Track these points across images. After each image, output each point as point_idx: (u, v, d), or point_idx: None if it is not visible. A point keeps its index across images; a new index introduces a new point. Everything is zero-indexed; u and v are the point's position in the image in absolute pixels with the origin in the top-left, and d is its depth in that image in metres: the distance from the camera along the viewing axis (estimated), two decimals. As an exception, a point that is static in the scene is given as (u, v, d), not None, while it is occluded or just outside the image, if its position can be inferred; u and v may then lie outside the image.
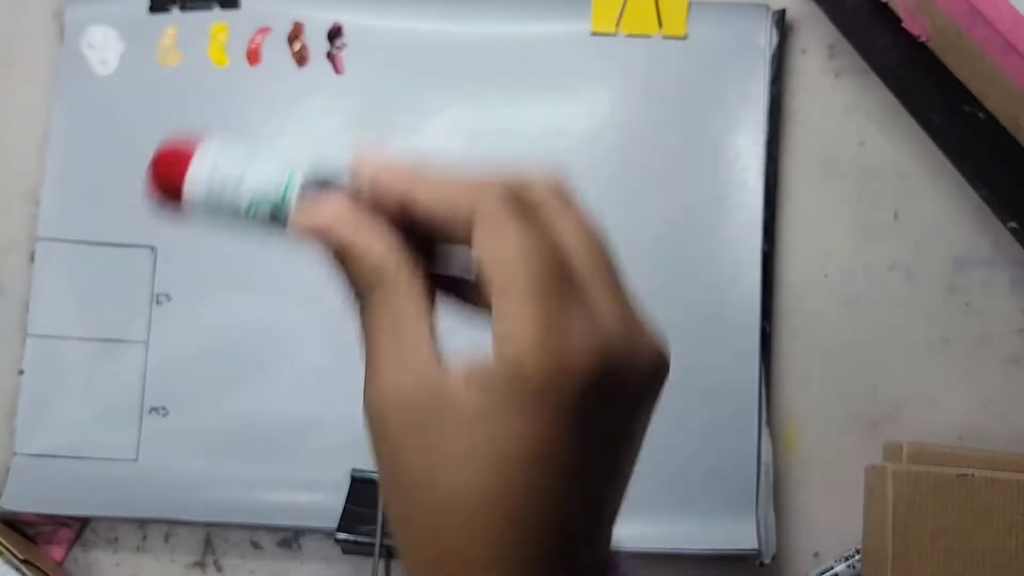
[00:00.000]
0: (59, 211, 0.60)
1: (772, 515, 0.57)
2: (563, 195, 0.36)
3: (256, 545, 0.60)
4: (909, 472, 0.53)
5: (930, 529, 0.52)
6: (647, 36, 0.60)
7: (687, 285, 0.59)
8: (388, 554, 0.57)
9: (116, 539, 0.60)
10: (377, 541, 0.56)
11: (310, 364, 0.59)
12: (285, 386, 0.59)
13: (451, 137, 0.60)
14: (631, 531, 0.56)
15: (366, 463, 0.58)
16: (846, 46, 0.61)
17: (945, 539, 0.52)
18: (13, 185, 0.62)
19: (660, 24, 0.60)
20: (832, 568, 0.57)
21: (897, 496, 0.53)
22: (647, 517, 0.57)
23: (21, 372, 0.59)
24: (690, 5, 0.60)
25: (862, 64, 0.61)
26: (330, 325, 0.59)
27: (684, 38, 0.60)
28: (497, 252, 0.33)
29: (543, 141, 0.60)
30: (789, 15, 0.61)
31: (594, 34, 0.60)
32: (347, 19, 0.61)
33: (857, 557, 0.57)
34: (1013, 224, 0.58)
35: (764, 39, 0.60)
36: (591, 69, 0.60)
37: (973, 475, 0.53)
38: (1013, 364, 0.60)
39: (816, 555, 0.58)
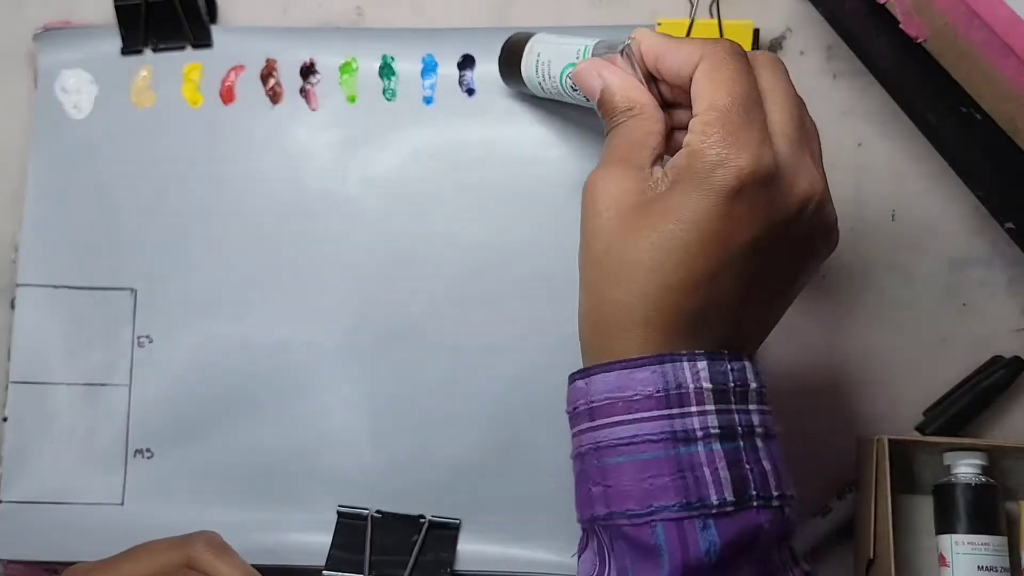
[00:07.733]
0: (38, 256, 0.60)
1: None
2: (778, 66, 0.46)
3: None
4: (900, 442, 0.56)
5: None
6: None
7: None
8: (377, 590, 0.57)
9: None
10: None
11: (295, 402, 0.59)
12: (270, 425, 0.58)
13: (426, 168, 0.60)
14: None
15: (353, 500, 0.58)
16: (843, 48, 0.61)
17: None
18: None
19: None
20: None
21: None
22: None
23: (4, 419, 0.59)
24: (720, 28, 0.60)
25: (859, 66, 0.61)
26: (314, 364, 0.59)
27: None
28: (710, 79, 0.44)
29: (528, 166, 0.60)
30: (786, 17, 0.61)
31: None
32: (319, 57, 0.61)
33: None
34: (1010, 224, 0.58)
35: None
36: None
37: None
38: (1010, 364, 0.60)
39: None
